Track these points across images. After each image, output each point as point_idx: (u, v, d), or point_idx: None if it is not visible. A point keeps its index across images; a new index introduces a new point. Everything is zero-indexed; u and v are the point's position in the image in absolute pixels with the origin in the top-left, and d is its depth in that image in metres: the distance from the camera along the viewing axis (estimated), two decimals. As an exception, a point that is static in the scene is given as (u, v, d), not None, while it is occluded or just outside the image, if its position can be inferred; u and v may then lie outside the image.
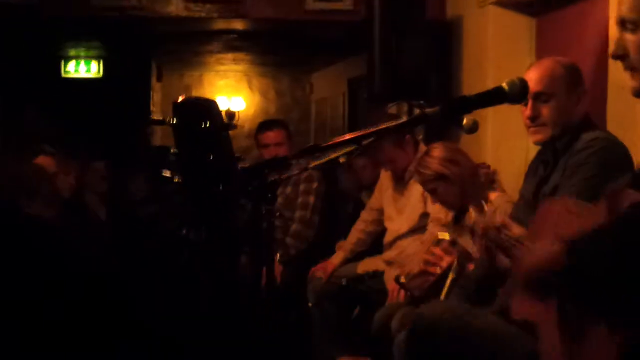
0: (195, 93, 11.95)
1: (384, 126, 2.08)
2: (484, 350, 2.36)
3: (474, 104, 1.95)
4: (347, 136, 2.12)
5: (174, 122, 1.77)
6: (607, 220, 1.69)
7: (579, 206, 1.97)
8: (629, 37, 1.83)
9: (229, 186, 1.80)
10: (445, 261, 3.23)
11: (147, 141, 8.56)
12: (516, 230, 2.38)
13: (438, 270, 3.21)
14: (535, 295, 1.85)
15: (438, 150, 3.48)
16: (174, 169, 1.82)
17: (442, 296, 3.08)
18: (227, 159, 1.79)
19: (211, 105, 1.82)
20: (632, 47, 1.82)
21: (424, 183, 3.52)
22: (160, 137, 9.54)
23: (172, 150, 1.78)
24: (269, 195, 2.08)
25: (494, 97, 1.95)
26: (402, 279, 3.71)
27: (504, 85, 1.93)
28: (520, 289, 1.88)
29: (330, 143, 2.09)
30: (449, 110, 1.96)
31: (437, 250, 3.32)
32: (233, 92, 12.10)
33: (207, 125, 1.73)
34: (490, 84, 4.63)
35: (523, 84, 1.91)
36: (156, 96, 10.41)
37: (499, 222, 2.63)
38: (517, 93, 1.92)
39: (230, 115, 11.90)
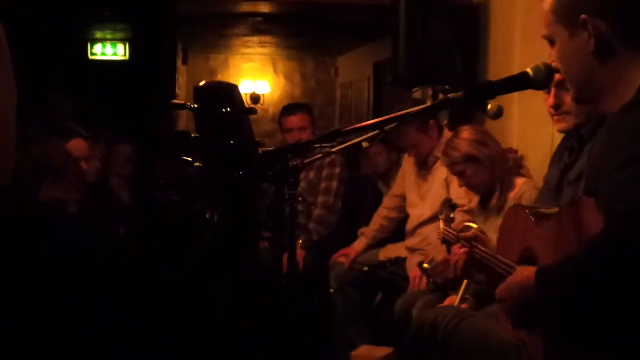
0: (220, 76, 11.97)
1: (407, 111, 2.05)
2: (475, 355, 2.35)
3: (497, 89, 1.93)
4: (370, 121, 2.10)
5: (195, 106, 1.76)
6: (571, 234, 1.70)
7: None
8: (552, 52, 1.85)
9: (249, 171, 1.79)
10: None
11: (172, 125, 8.58)
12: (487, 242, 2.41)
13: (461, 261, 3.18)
14: (518, 325, 1.86)
15: (467, 132, 3.49)
16: (195, 154, 1.81)
17: (461, 291, 3.05)
18: (248, 144, 1.78)
19: (232, 89, 1.81)
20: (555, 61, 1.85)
21: (452, 165, 3.50)
22: (185, 121, 9.57)
23: (192, 135, 1.77)
24: (292, 179, 2.07)
25: (518, 82, 1.92)
26: (425, 265, 3.70)
27: (529, 70, 1.91)
28: (503, 315, 1.89)
29: (352, 127, 2.07)
30: (473, 95, 1.94)
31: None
32: (258, 75, 12.11)
33: (228, 109, 1.72)
34: (516, 69, 4.54)
35: (548, 69, 1.88)
36: (181, 79, 10.44)
37: (470, 234, 2.65)
38: (542, 79, 1.89)
39: (255, 98, 11.91)
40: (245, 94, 11.90)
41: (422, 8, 4.71)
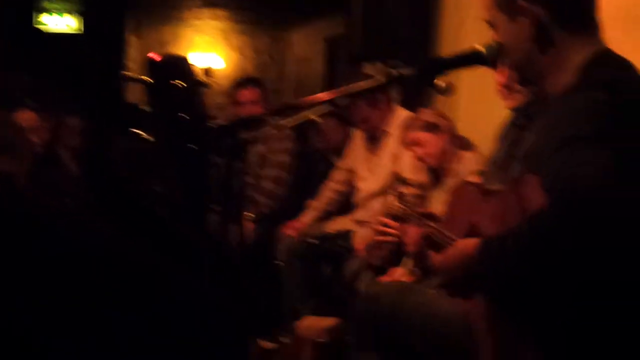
0: (171, 49, 11.84)
1: (358, 86, 2.07)
2: (419, 328, 2.38)
3: (449, 66, 1.96)
4: (322, 96, 2.11)
5: (148, 80, 1.75)
6: (515, 211, 1.74)
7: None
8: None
9: (202, 144, 1.79)
10: (395, 226, 3.11)
11: (121, 98, 8.47)
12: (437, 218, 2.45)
13: (390, 238, 3.14)
14: (461, 294, 1.89)
15: (427, 110, 3.77)
16: (146, 127, 1.81)
17: (407, 264, 3.08)
18: (201, 118, 1.78)
19: (185, 63, 1.81)
20: None
21: (412, 134, 3.59)
22: (133, 93, 9.45)
23: (144, 108, 1.76)
24: (242, 153, 2.08)
25: (470, 59, 1.95)
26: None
27: (481, 48, 1.93)
28: (447, 287, 1.92)
29: (304, 102, 2.08)
30: (425, 71, 1.96)
31: (384, 218, 3.19)
32: (210, 48, 11.99)
33: (182, 83, 1.72)
34: (468, 47, 4.63)
35: (501, 48, 1.90)
36: (133, 51, 10.30)
37: (426, 211, 2.70)
38: (494, 57, 1.92)
39: (207, 72, 11.82)
40: (197, 67, 11.80)
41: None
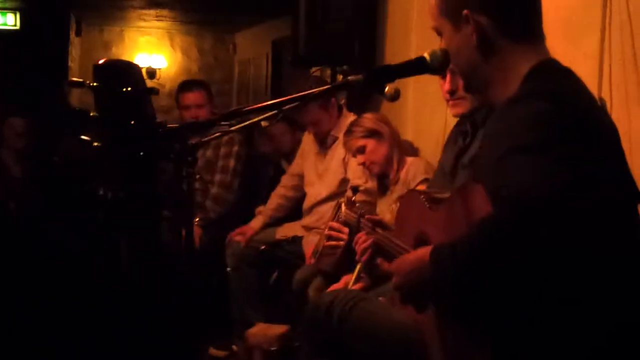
0: (115, 49, 11.71)
1: (307, 92, 2.07)
2: (369, 336, 2.40)
3: (396, 73, 1.97)
4: (271, 101, 2.10)
5: (94, 84, 1.73)
6: (462, 219, 1.77)
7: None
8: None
9: (150, 151, 1.78)
10: (345, 232, 3.13)
11: (65, 100, 8.35)
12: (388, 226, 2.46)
13: (341, 243, 3.15)
14: (413, 302, 1.91)
15: (371, 114, 3.73)
16: (94, 133, 1.79)
17: (356, 271, 3.09)
18: (149, 124, 1.77)
19: (133, 68, 1.79)
20: None
21: (354, 141, 3.59)
22: (78, 96, 9.33)
23: (91, 114, 1.74)
24: (190, 158, 2.06)
25: (416, 67, 1.97)
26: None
27: (426, 55, 1.95)
28: (398, 298, 1.93)
29: (253, 107, 2.07)
30: (372, 78, 1.98)
31: (334, 224, 3.19)
32: (154, 49, 11.90)
33: (129, 89, 1.71)
34: (413, 53, 4.67)
35: (445, 55, 1.92)
36: (75, 51, 10.16)
37: (376, 218, 2.72)
38: (439, 64, 1.94)
39: (151, 73, 11.71)
40: (142, 68, 11.69)
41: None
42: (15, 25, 7.98)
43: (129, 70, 1.76)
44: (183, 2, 8.91)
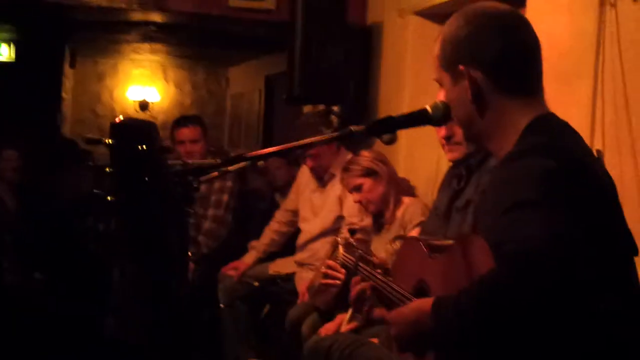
0: (109, 81, 11.75)
1: (310, 140, 2.11)
2: None
3: (398, 125, 2.02)
4: (276, 148, 2.14)
5: (110, 142, 1.77)
6: (462, 270, 1.79)
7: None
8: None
9: (163, 207, 1.82)
10: (342, 272, 3.14)
11: (59, 133, 8.37)
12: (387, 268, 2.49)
13: (338, 282, 3.18)
14: (412, 350, 1.93)
15: (368, 152, 3.73)
16: (108, 188, 1.82)
17: (348, 315, 3.11)
18: (163, 181, 1.81)
19: (150, 126, 1.83)
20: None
21: (351, 179, 3.63)
22: (69, 128, 9.35)
23: (107, 170, 1.78)
24: (189, 197, 2.10)
25: (418, 119, 2.01)
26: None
27: (428, 108, 2.00)
28: (397, 346, 1.94)
29: (260, 153, 2.11)
30: (375, 130, 2.03)
31: (332, 263, 3.21)
32: (148, 82, 11.94)
33: (144, 147, 1.75)
34: (407, 93, 4.75)
35: (446, 108, 1.97)
36: (68, 83, 10.20)
37: (377, 261, 2.74)
38: (440, 116, 1.99)
39: (144, 105, 11.75)
40: (134, 101, 11.74)
41: (318, 28, 4.80)
42: (10, 57, 8.01)
43: (145, 129, 1.80)
44: (177, 37, 8.97)
